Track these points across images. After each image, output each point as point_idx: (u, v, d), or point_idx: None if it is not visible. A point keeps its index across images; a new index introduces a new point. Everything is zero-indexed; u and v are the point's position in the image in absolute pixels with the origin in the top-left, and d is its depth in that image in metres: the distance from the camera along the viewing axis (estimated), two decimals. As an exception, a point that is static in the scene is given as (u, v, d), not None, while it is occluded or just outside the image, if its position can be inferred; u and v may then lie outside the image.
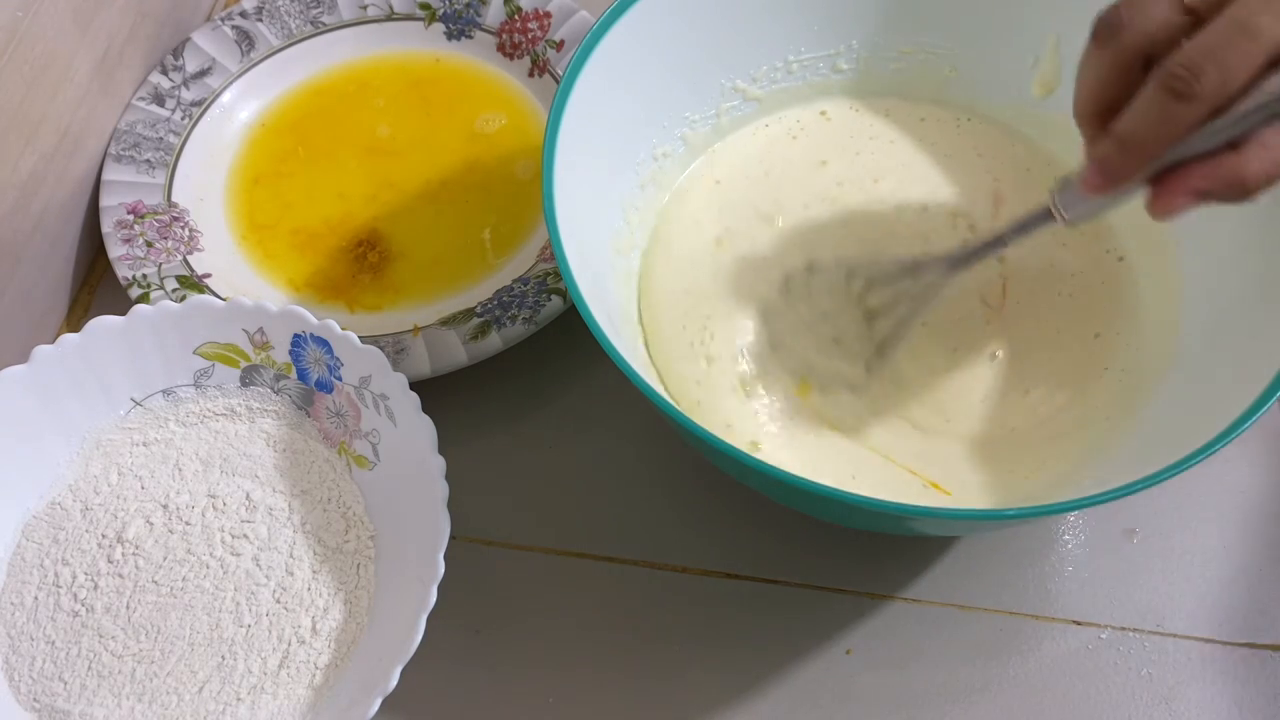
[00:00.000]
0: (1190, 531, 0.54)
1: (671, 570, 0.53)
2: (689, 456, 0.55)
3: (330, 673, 0.47)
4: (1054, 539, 0.54)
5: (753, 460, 0.42)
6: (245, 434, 0.52)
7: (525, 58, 0.66)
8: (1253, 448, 0.55)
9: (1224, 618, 0.52)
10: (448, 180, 0.62)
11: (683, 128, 0.57)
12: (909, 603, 0.52)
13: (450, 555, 0.46)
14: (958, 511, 0.43)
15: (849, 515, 0.47)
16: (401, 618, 0.46)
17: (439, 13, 0.67)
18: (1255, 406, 0.42)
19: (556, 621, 0.52)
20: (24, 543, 0.50)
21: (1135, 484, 0.41)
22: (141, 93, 0.63)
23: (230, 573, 0.49)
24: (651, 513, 0.55)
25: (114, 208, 0.60)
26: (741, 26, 0.55)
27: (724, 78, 0.57)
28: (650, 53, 0.53)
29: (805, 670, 0.51)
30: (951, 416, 0.51)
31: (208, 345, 0.52)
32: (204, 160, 0.63)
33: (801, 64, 0.58)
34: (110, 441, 0.52)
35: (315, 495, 0.51)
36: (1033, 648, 0.51)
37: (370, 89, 0.66)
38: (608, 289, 0.51)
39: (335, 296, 0.59)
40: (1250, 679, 0.51)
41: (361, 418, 0.51)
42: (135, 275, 0.58)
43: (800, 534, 0.53)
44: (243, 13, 0.66)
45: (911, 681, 0.51)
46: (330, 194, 0.62)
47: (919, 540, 0.54)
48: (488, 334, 0.55)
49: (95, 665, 0.47)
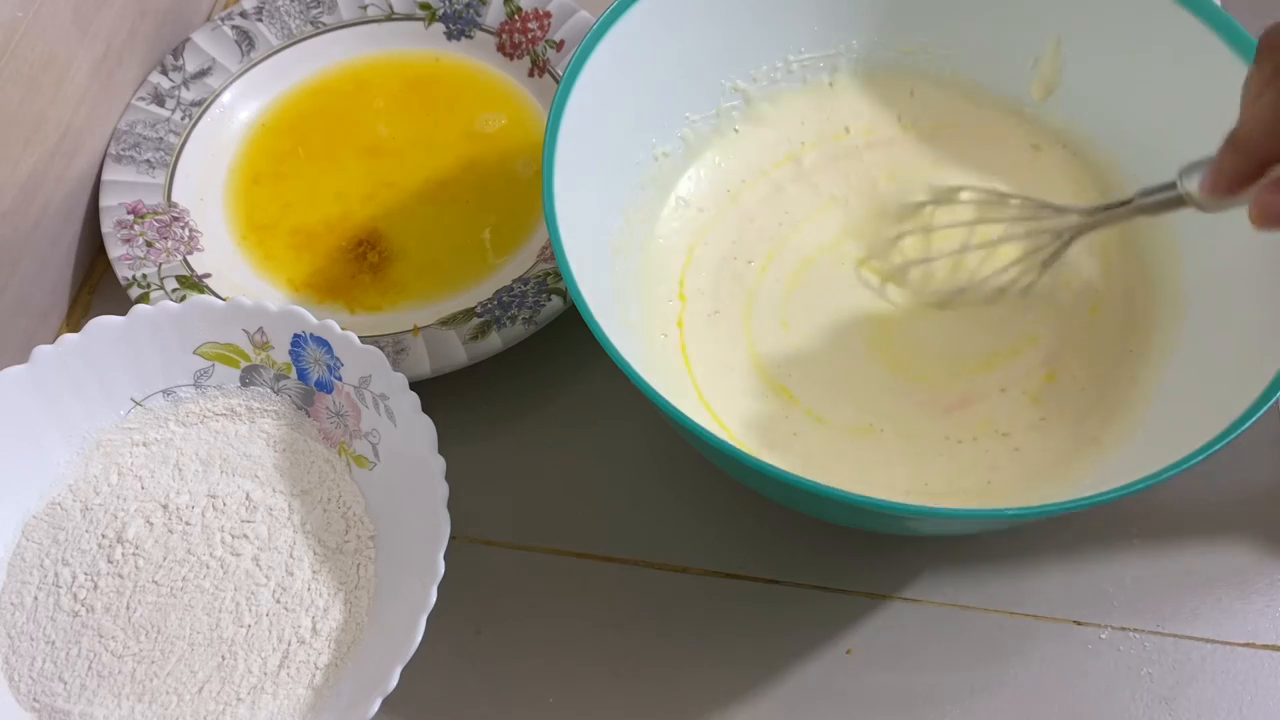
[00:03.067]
0: (1190, 531, 0.54)
1: (672, 570, 0.53)
2: (689, 456, 0.55)
3: (330, 673, 0.47)
4: (1054, 539, 0.54)
5: (753, 460, 0.42)
6: (245, 434, 0.52)
7: (525, 58, 0.66)
8: (1253, 448, 0.55)
9: (1223, 618, 0.52)
10: (448, 180, 0.62)
11: (682, 127, 0.57)
12: (909, 603, 0.52)
13: (450, 555, 0.46)
14: (957, 511, 0.43)
15: (849, 515, 0.47)
16: (401, 618, 0.46)
17: (439, 13, 0.67)
18: (1255, 406, 0.42)
19: (556, 621, 0.52)
20: (24, 543, 0.50)
21: (1135, 484, 0.41)
22: (141, 93, 0.63)
23: (230, 573, 0.49)
24: (651, 513, 0.55)
25: (114, 208, 0.60)
26: (741, 27, 0.56)
27: (724, 77, 0.57)
28: (650, 53, 0.53)
29: (805, 670, 0.51)
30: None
31: (208, 345, 0.52)
32: (204, 160, 0.63)
33: (802, 64, 0.58)
34: (110, 441, 0.52)
35: (315, 495, 0.51)
36: (1033, 648, 0.51)
37: (370, 89, 0.66)
38: (608, 289, 0.51)
39: (335, 296, 0.59)
40: (1250, 679, 0.51)
41: (361, 418, 0.51)
42: (135, 275, 0.58)
43: (800, 534, 0.53)
44: (243, 13, 0.66)
45: (911, 681, 0.51)
46: (330, 194, 0.62)
47: (919, 540, 0.54)
48: (488, 334, 0.55)
49: (95, 665, 0.47)
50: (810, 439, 0.51)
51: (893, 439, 0.51)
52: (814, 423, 0.52)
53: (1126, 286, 0.54)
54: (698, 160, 0.58)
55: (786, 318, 0.54)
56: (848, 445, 0.51)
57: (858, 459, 0.51)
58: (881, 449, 0.51)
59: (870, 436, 0.51)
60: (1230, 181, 0.40)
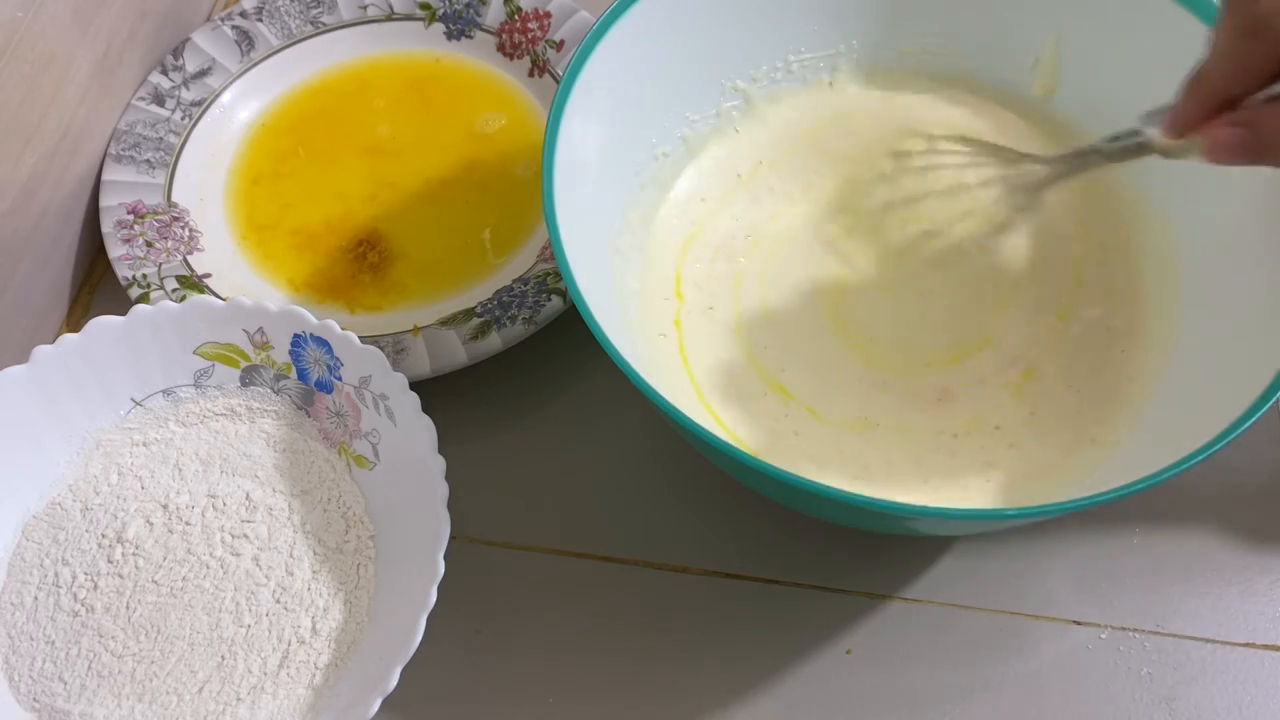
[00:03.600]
0: (1190, 531, 0.54)
1: (671, 570, 0.53)
2: (689, 456, 0.55)
3: (330, 673, 0.47)
4: (1054, 539, 0.54)
5: (753, 460, 0.42)
6: (245, 434, 0.52)
7: (525, 58, 0.66)
8: (1254, 448, 0.55)
9: (1223, 618, 0.52)
10: (448, 180, 0.62)
11: (683, 127, 0.57)
12: (909, 603, 0.52)
13: (450, 555, 0.46)
14: (957, 511, 0.43)
15: (849, 515, 0.47)
16: (401, 618, 0.46)
17: (439, 13, 0.67)
18: (1255, 407, 0.42)
19: (556, 621, 0.52)
20: (24, 543, 0.50)
21: (1135, 484, 0.41)
22: (141, 93, 0.63)
23: (230, 573, 0.49)
24: (651, 513, 0.55)
25: (114, 208, 0.60)
26: (742, 26, 0.56)
27: (724, 77, 0.57)
28: (650, 52, 0.53)
29: (805, 670, 0.51)
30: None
31: (208, 345, 0.52)
32: (204, 160, 0.63)
33: (802, 64, 0.58)
34: (110, 441, 0.52)
35: (315, 495, 0.51)
36: (1033, 648, 0.51)
37: (370, 89, 0.66)
38: (607, 289, 0.51)
39: (335, 296, 0.59)
40: (1250, 679, 0.51)
41: (361, 418, 0.51)
42: (135, 275, 0.58)
43: (801, 534, 0.53)
44: (243, 13, 0.66)
45: (912, 681, 0.51)
46: (330, 194, 0.62)
47: (919, 540, 0.54)
48: (488, 334, 0.55)
49: (95, 665, 0.47)
50: (809, 437, 0.51)
51: (888, 434, 0.51)
52: (811, 419, 0.52)
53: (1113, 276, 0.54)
54: (697, 160, 0.58)
55: (773, 310, 0.54)
56: (846, 442, 0.51)
57: (857, 456, 0.51)
58: (879, 445, 0.51)
59: (867, 431, 0.51)
60: (1188, 122, 0.41)
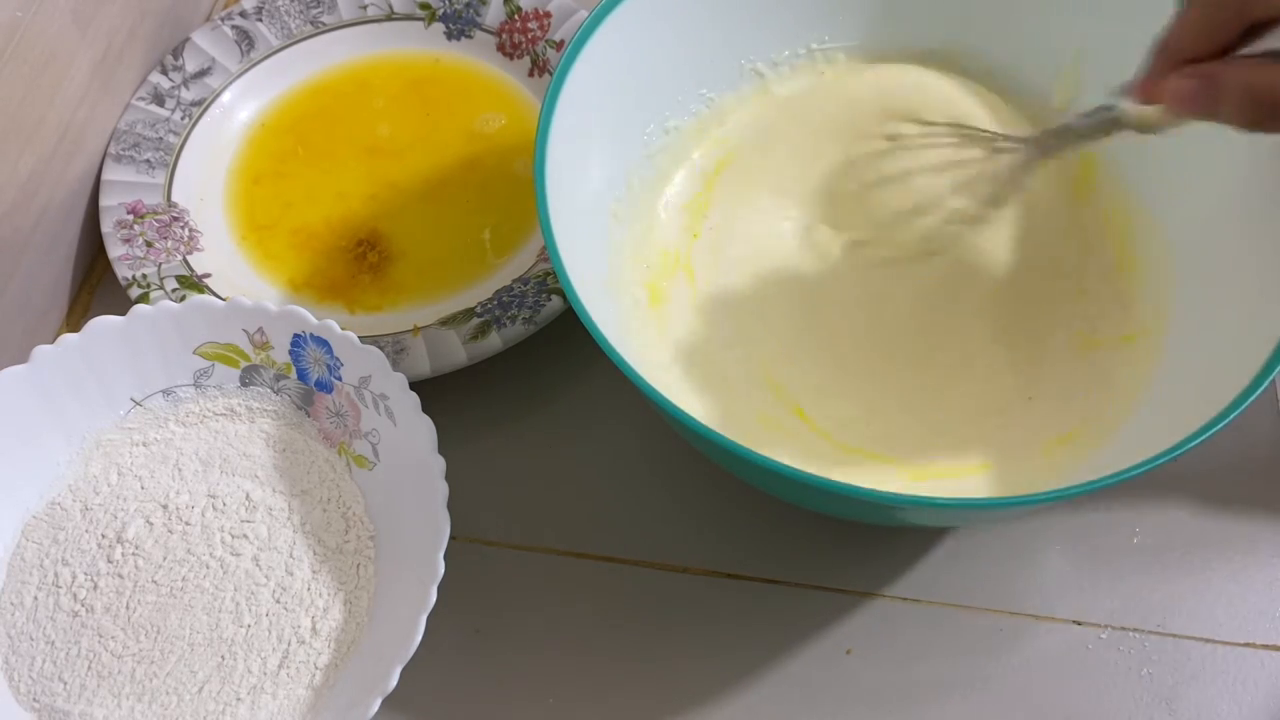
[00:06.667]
0: (1190, 531, 0.54)
1: (671, 570, 0.53)
2: (689, 456, 0.55)
3: (330, 673, 0.47)
4: (1054, 538, 0.54)
5: (752, 454, 0.42)
6: (245, 434, 0.52)
7: (525, 58, 0.66)
8: (1254, 448, 0.55)
9: (1223, 618, 0.52)
10: (448, 180, 0.63)
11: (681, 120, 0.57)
12: (909, 602, 0.53)
13: (450, 555, 0.46)
14: (951, 501, 0.43)
15: (845, 506, 0.47)
16: (401, 618, 0.46)
17: (439, 13, 0.67)
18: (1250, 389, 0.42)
19: (556, 621, 0.52)
20: (24, 543, 0.50)
21: (1128, 470, 0.40)
22: (141, 93, 0.63)
23: (230, 573, 0.49)
24: (652, 513, 0.55)
25: (114, 208, 0.60)
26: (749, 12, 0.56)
27: (744, 59, 0.57)
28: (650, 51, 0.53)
29: (805, 670, 0.51)
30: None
31: (208, 345, 0.52)
32: (204, 160, 0.63)
33: (825, 53, 0.58)
34: (110, 441, 0.52)
35: (315, 495, 0.51)
36: (1033, 647, 0.51)
37: (370, 89, 0.66)
38: (606, 289, 0.51)
39: (335, 296, 0.59)
40: (1250, 679, 0.51)
41: (361, 418, 0.51)
42: (135, 275, 0.58)
43: (800, 533, 0.53)
44: (243, 13, 0.66)
45: (912, 681, 0.51)
46: (330, 194, 0.62)
47: (919, 540, 0.54)
48: (488, 334, 0.55)
49: (95, 665, 0.47)
50: (807, 432, 0.51)
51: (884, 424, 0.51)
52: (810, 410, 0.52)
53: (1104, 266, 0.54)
54: (691, 159, 0.58)
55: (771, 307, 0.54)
56: (843, 436, 0.51)
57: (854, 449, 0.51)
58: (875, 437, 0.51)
59: (863, 424, 0.51)
60: (1155, 84, 0.41)
